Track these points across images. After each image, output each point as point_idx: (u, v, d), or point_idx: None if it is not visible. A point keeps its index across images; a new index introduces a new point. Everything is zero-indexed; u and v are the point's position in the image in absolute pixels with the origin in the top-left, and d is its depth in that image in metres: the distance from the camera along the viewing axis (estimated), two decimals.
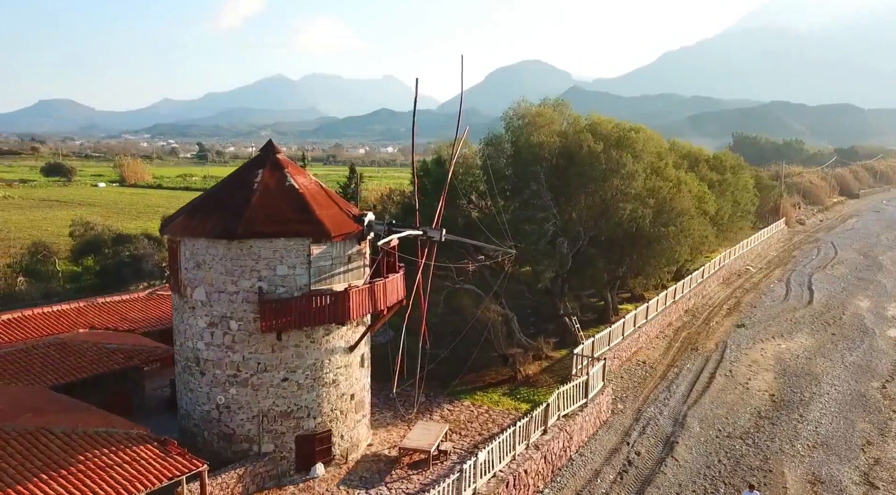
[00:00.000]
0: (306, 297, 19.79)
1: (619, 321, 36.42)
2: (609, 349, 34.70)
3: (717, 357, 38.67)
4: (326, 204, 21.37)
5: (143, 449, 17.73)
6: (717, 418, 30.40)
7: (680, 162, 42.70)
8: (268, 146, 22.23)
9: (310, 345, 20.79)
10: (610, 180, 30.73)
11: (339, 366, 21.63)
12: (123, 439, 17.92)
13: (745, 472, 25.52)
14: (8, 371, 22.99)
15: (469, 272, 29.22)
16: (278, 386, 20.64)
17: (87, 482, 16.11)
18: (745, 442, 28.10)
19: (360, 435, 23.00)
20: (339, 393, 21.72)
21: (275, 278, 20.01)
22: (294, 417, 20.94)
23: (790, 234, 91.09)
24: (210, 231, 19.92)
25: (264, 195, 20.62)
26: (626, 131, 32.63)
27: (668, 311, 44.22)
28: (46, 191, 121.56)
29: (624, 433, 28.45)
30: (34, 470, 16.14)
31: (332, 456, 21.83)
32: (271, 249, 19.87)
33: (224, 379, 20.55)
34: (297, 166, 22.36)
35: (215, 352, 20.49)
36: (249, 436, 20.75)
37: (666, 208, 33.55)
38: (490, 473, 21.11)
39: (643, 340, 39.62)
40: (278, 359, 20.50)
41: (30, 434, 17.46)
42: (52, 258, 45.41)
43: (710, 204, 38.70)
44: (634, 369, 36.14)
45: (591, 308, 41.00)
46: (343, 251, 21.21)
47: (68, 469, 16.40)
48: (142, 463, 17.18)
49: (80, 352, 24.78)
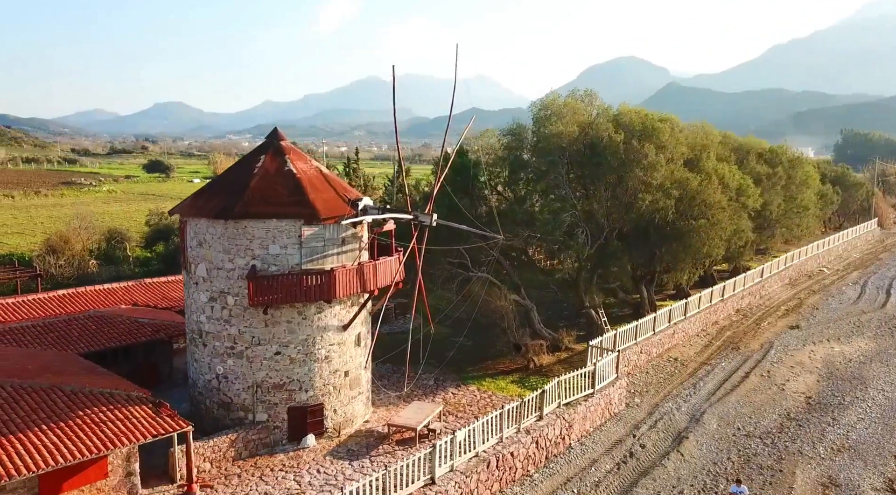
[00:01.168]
0: (293, 275, 20.98)
1: (649, 316, 35.77)
2: (636, 343, 34.22)
3: (759, 357, 37.28)
4: (322, 188, 22.48)
5: (137, 408, 19.41)
6: (739, 417, 29.48)
7: (727, 154, 41.33)
8: (273, 133, 23.61)
9: (301, 322, 21.98)
10: (631, 170, 30.35)
11: (332, 343, 22.71)
12: (123, 399, 19.68)
13: (753, 470, 24.79)
14: (49, 338, 25.52)
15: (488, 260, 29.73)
16: (271, 360, 21.95)
17: (79, 434, 17.89)
18: (763, 442, 27.19)
19: (356, 412, 24.01)
20: (331, 369, 22.81)
21: (268, 257, 21.32)
22: (286, 389, 22.21)
23: (883, 236, 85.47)
24: (210, 211, 21.46)
25: (263, 179, 21.97)
26: (652, 121, 32.03)
27: (714, 309, 42.89)
28: (147, 186, 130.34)
29: (633, 426, 28.12)
30: (37, 421, 18.07)
31: (325, 428, 22.95)
32: (264, 229, 21.19)
33: (223, 351, 22.09)
34: (300, 153, 23.61)
35: (215, 325, 22.05)
36: (245, 406, 22.19)
37: (696, 201, 32.71)
38: (472, 452, 21.58)
39: (679, 337, 38.69)
40: (271, 334, 21.82)
41: (42, 390, 19.48)
42: (124, 244, 49.15)
43: (751, 198, 37.26)
44: (663, 365, 35.43)
45: (627, 303, 40.44)
46: (336, 233, 22.27)
47: (67, 422, 18.25)
48: (133, 420, 18.85)
49: (114, 324, 27.09)
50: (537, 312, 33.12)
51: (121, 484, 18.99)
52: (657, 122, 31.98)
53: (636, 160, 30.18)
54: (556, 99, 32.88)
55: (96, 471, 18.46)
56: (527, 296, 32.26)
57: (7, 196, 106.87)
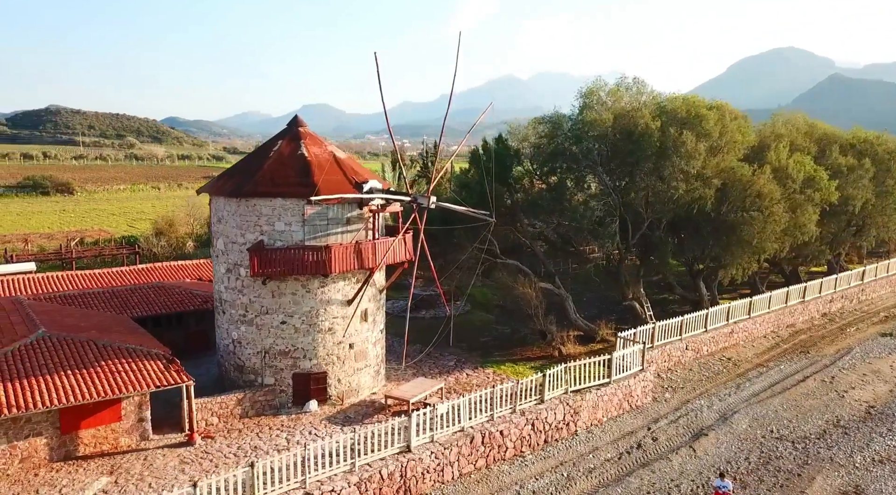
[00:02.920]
0: (292, 249, 22.68)
1: (698, 312, 34.40)
2: (680, 339, 33.09)
3: (827, 362, 34.75)
4: (331, 171, 24.03)
5: (152, 363, 21.92)
6: (777, 419, 27.89)
7: (806, 145, 38.67)
8: (293, 120, 25.49)
9: (305, 294, 23.69)
10: (669, 159, 29.46)
11: (336, 317, 24.24)
12: (143, 355, 22.28)
13: (767, 473, 23.57)
14: (113, 302, 29.07)
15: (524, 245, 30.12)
16: (278, 328, 23.84)
17: (96, 379, 20.57)
18: (794, 446, 25.66)
19: (362, 383, 25.41)
20: (335, 340, 24.35)
21: (274, 233, 23.20)
22: (291, 357, 24.01)
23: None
24: (226, 190, 23.67)
25: (276, 161, 23.89)
26: (697, 109, 30.78)
27: (790, 311, 40.27)
28: None
29: (653, 419, 27.45)
30: (66, 367, 20.97)
31: (328, 396, 24.54)
32: (271, 207, 23.08)
33: (237, 318, 24.27)
34: (316, 138, 25.29)
35: (230, 294, 24.28)
36: (255, 369, 24.25)
37: (747, 192, 31.08)
38: (456, 426, 22.29)
39: (740, 337, 36.78)
40: (278, 304, 23.70)
41: (79, 343, 22.49)
42: None
43: (824, 191, 34.64)
44: (712, 364, 33.93)
45: (688, 300, 39.00)
46: (341, 213, 23.76)
47: (90, 369, 21.03)
48: (145, 372, 21.34)
49: (170, 293, 30.29)
50: (575, 303, 32.92)
51: (133, 428, 21.57)
52: (702, 110, 30.71)
53: (674, 148, 29.25)
54: (600, 87, 32.46)
55: (111, 414, 21.14)
56: (562, 285, 32.18)
57: (154, 188, 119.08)
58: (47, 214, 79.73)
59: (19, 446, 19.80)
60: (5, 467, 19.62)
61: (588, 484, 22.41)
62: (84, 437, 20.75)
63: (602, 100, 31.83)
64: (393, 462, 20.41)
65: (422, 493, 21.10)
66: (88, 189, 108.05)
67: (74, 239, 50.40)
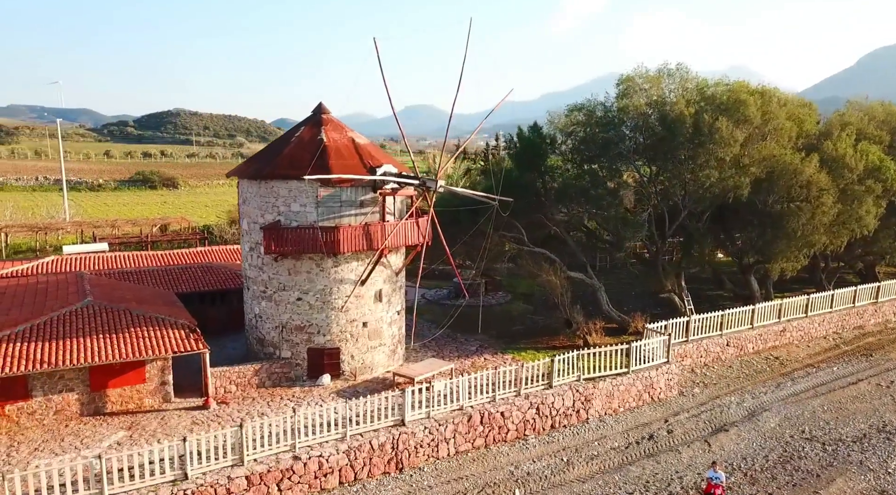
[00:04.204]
0: (302, 229, 23.83)
1: (742, 307, 32.96)
2: (720, 335, 31.86)
3: (891, 367, 32.42)
4: (348, 155, 25.03)
5: (176, 332, 23.67)
6: (812, 420, 26.45)
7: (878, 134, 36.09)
8: (317, 108, 26.68)
9: (319, 273, 24.81)
10: (704, 146, 28.44)
11: (349, 295, 25.21)
12: (169, 324, 24.10)
13: (782, 471, 22.51)
14: (163, 278, 31.47)
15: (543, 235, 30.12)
16: (294, 304, 25.09)
17: (121, 343, 22.50)
18: (823, 448, 24.30)
19: (376, 361, 26.27)
20: (348, 318, 25.34)
21: (290, 213, 24.45)
22: (306, 332, 25.21)
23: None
24: (249, 173, 25.17)
25: (295, 146, 25.15)
26: (738, 94, 29.48)
27: (859, 312, 37.75)
28: None
29: (673, 413, 26.71)
30: (99, 331, 23.07)
31: (342, 371, 25.57)
32: (287, 189, 24.34)
33: (258, 294, 25.74)
34: (338, 125, 26.33)
35: (253, 271, 25.78)
36: (274, 343, 25.63)
37: (794, 182, 29.50)
38: (454, 405, 22.71)
39: (794, 336, 34.87)
40: (294, 282, 24.95)
41: (117, 311, 24.62)
42: None
43: (890, 181, 32.24)
44: (756, 362, 32.40)
45: (740, 296, 37.39)
46: (354, 196, 24.71)
47: (118, 334, 23.01)
48: (166, 340, 23.11)
49: (216, 273, 32.37)
50: (611, 295, 32.43)
51: (156, 390, 23.42)
52: (743, 95, 29.38)
53: (708, 135, 28.22)
54: (639, 74, 31.72)
55: (136, 376, 23.06)
56: (595, 275, 31.76)
57: None
58: (149, 205, 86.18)
59: (54, 399, 22.01)
60: (41, 417, 21.88)
61: (586, 470, 22.23)
62: (111, 396, 22.75)
63: (640, 87, 31.13)
64: (385, 434, 21.12)
65: (415, 466, 21.69)
66: (191, 183, 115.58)
67: (156, 225, 54.54)
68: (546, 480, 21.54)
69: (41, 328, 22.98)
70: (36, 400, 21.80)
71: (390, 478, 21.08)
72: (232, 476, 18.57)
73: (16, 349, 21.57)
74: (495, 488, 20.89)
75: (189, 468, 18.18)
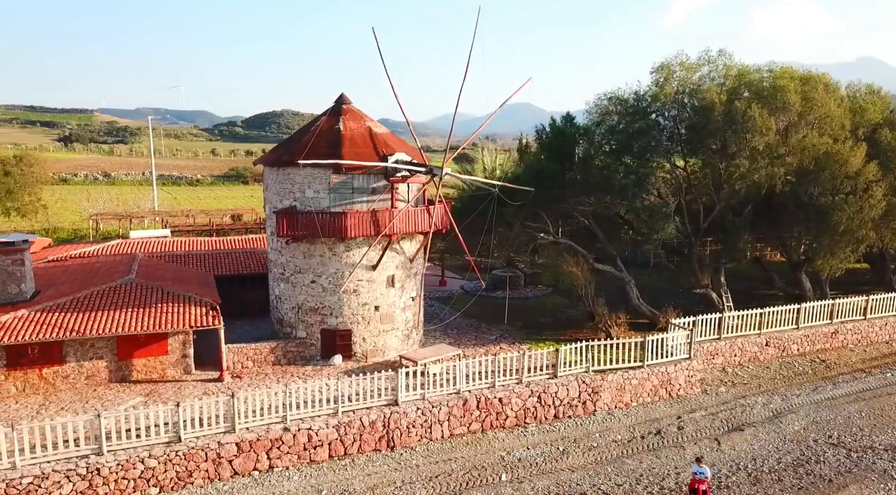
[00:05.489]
0: (312, 214, 24.79)
1: (784, 306, 31.25)
2: (759, 334, 30.38)
3: None
4: (362, 144, 25.82)
5: (198, 309, 25.24)
6: (845, 426, 24.85)
7: None
8: (339, 98, 27.61)
9: (332, 257, 25.74)
10: (737, 135, 27.21)
11: (361, 279, 26.00)
12: (194, 302, 25.73)
13: (792, 474, 21.37)
14: (206, 261, 33.49)
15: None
16: (308, 287, 26.15)
17: (144, 316, 24.29)
18: (847, 454, 22.83)
19: (388, 344, 26.92)
20: (360, 302, 26.14)
21: (305, 199, 25.52)
22: (320, 313, 26.21)
23: None
24: (270, 161, 26.44)
25: (314, 135, 26.16)
26: (777, 80, 27.93)
27: None
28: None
29: (689, 410, 25.79)
30: (129, 305, 24.99)
31: (353, 353, 26.40)
32: (301, 176, 25.42)
33: (278, 276, 27.00)
34: (357, 115, 27.15)
35: (274, 254, 27.07)
36: (291, 323, 26.80)
37: (839, 173, 27.72)
38: (451, 388, 23.00)
39: (848, 339, 32.67)
40: (308, 265, 26.01)
41: (151, 288, 26.53)
42: None
43: None
44: (798, 364, 30.64)
45: (791, 295, 35.42)
46: (366, 183, 25.46)
47: (145, 309, 24.84)
48: (186, 315, 24.71)
49: (256, 258, 34.07)
50: (644, 289, 31.65)
51: (178, 362, 25.09)
52: (783, 81, 27.84)
53: (741, 123, 26.96)
54: (679, 61, 30.66)
55: (159, 348, 24.82)
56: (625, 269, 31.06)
57: None
58: (236, 199, 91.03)
59: (85, 365, 24.08)
60: (74, 381, 23.99)
61: (580, 460, 21.97)
62: (136, 365, 24.61)
63: (675, 74, 30.13)
64: (377, 412, 21.73)
65: (407, 445, 22.17)
66: None
67: (227, 215, 57.84)
68: (536, 467, 21.46)
69: (80, 301, 25.17)
70: (69, 365, 23.92)
71: (380, 455, 21.67)
72: (223, 441, 19.73)
73: (53, 318, 23.77)
74: (482, 471, 21.05)
75: (182, 432, 19.48)
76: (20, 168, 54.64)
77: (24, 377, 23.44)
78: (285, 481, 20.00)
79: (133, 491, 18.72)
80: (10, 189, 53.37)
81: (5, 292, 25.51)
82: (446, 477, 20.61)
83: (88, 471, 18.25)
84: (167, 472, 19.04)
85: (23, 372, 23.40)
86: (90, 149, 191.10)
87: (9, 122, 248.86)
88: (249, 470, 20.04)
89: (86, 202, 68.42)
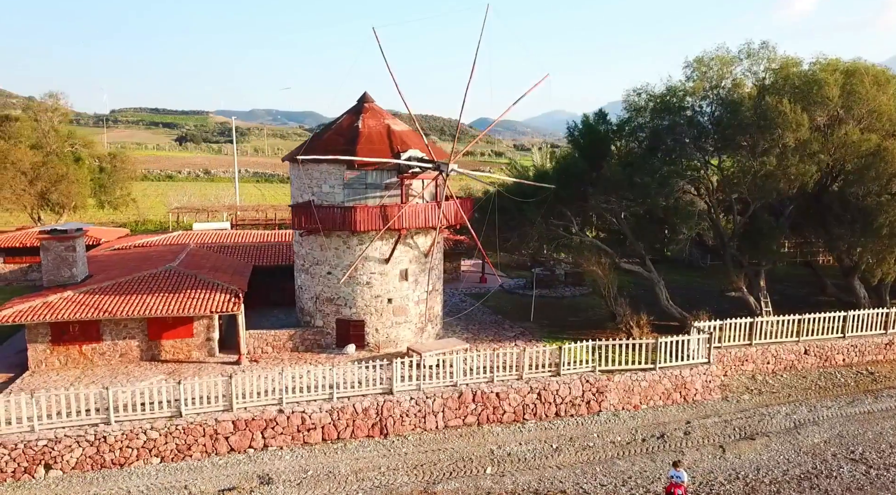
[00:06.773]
0: (325, 208, 25.77)
1: (828, 313, 29.39)
2: (796, 341, 28.80)
3: None
4: (378, 141, 26.58)
5: (223, 295, 26.85)
6: (873, 441, 23.30)
7: None
8: (362, 97, 28.51)
9: (346, 250, 26.67)
10: (768, 131, 25.91)
11: (374, 272, 26.78)
12: (221, 288, 27.38)
13: (794, 488, 20.30)
14: (249, 252, 35.39)
15: None
16: (325, 278, 27.21)
17: (174, 300, 26.12)
18: (867, 471, 21.41)
19: (401, 336, 27.56)
20: (372, 293, 26.92)
21: (322, 194, 26.58)
22: (335, 304, 27.21)
23: None
24: (293, 157, 27.69)
25: (334, 132, 27.22)
26: (816, 74, 26.30)
27: None
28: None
29: (702, 416, 24.86)
30: (163, 290, 26.95)
31: (367, 343, 27.23)
32: (319, 171, 26.49)
33: (300, 267, 28.24)
34: (377, 112, 27.93)
35: (297, 247, 28.35)
36: (310, 312, 27.96)
37: (884, 172, 25.83)
38: (448, 380, 23.37)
39: None
40: (325, 257, 27.06)
41: (187, 275, 28.45)
42: None
43: None
44: (841, 375, 28.75)
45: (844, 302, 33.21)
46: (379, 179, 26.23)
47: (175, 293, 26.71)
48: (211, 301, 26.34)
49: (288, 249, 35.62)
50: (675, 290, 30.74)
51: (203, 344, 26.81)
52: (822, 74, 26.19)
53: (772, 118, 25.64)
54: (718, 56, 29.47)
55: (185, 331, 26.60)
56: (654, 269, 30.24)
57: None
58: None
59: (119, 344, 26.20)
60: (109, 358, 26.16)
61: (571, 459, 21.78)
62: (165, 346, 26.51)
63: (712, 69, 29.04)
64: (371, 399, 22.43)
65: (400, 434, 22.73)
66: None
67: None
68: (524, 463, 21.48)
69: (121, 285, 27.37)
70: (105, 343, 26.10)
71: (372, 442, 22.35)
72: (220, 419, 21.05)
73: (94, 299, 26.02)
74: (468, 463, 21.30)
75: (183, 408, 20.95)
76: (113, 164, 59.38)
77: (66, 352, 25.79)
78: (277, 460, 21.06)
79: (136, 458, 20.32)
80: (104, 184, 58.13)
81: (59, 275, 28.08)
82: (431, 466, 21.02)
83: (96, 438, 20.00)
84: (168, 444, 20.53)
85: (65, 347, 25.76)
86: (201, 148, 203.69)
87: (136, 123, 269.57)
88: (245, 447, 21.24)
89: (172, 196, 73.42)
